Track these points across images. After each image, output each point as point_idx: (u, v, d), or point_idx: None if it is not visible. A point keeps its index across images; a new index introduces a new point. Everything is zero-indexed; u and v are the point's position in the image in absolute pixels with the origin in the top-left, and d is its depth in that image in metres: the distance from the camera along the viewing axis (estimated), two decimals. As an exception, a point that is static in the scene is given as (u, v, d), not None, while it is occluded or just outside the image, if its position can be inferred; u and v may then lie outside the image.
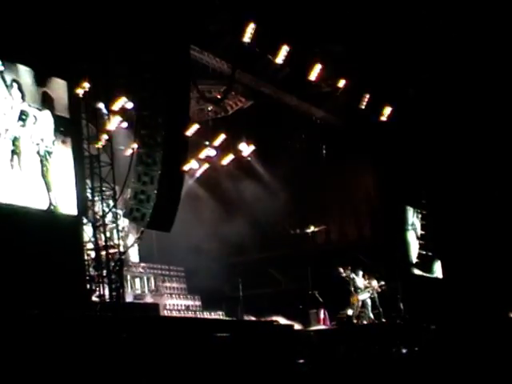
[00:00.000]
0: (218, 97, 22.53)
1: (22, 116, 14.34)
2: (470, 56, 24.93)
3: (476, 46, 24.35)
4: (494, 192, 28.35)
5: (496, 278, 27.64)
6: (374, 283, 24.25)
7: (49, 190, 14.66)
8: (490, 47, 24.32)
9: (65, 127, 15.20)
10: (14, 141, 14.13)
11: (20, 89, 14.33)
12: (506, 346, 18.84)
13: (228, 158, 26.53)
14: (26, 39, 14.43)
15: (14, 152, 14.10)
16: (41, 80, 14.81)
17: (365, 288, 23.99)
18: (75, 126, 15.74)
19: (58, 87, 15.19)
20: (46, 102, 14.87)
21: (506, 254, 27.83)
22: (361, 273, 24.34)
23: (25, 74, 14.49)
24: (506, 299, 26.30)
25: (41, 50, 14.76)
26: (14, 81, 14.25)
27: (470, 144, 28.05)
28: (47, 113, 14.88)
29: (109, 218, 17.24)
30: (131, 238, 20.67)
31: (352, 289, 23.93)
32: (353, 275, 23.92)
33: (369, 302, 24.11)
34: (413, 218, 28.22)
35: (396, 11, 22.72)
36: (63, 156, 15.15)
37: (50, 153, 14.82)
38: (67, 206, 15.08)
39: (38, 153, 14.62)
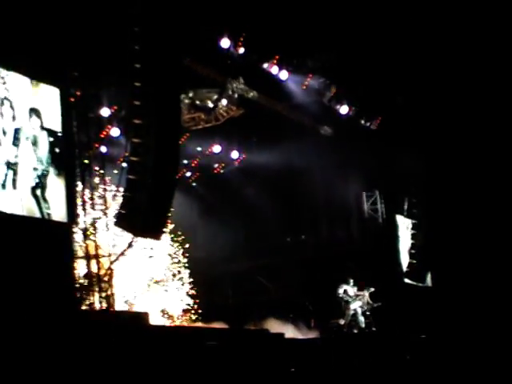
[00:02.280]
0: (210, 105, 22.55)
1: (16, 135, 14.30)
2: (459, 63, 25.06)
3: (465, 51, 24.49)
4: (485, 201, 28.42)
5: (487, 287, 27.69)
6: (365, 292, 24.30)
7: (42, 206, 14.65)
8: (479, 53, 24.46)
9: (58, 141, 15.18)
10: (8, 160, 14.12)
11: (12, 106, 14.29)
12: (497, 355, 18.88)
13: (220, 167, 26.58)
14: (18, 46, 14.41)
15: (8, 171, 14.05)
16: (32, 92, 14.77)
17: (356, 297, 24.03)
18: (67, 135, 15.72)
19: (50, 97, 15.17)
20: (38, 118, 14.86)
21: (497, 263, 27.89)
22: (351, 281, 24.38)
23: (16, 88, 14.44)
24: (497, 308, 26.33)
25: (33, 58, 14.75)
26: (5, 99, 14.21)
27: (461, 152, 28.13)
28: (43, 131, 14.89)
29: (99, 225, 17.19)
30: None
31: (343, 299, 23.99)
32: (344, 288, 23.99)
33: (359, 310, 24.15)
34: (403, 227, 28.28)
35: (385, 19, 22.82)
36: (57, 168, 15.14)
37: (47, 171, 14.83)
38: (58, 214, 15.05)
39: (37, 172, 14.62)
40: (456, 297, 27.52)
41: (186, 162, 25.10)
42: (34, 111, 14.77)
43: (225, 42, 19.85)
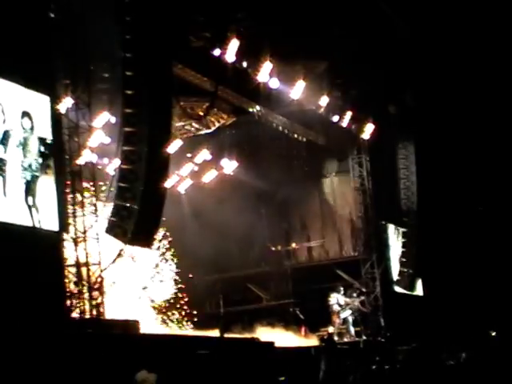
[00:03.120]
0: (201, 113, 22.55)
1: (5, 138, 14.21)
2: (450, 71, 25.20)
3: (457, 60, 24.64)
4: (477, 209, 28.51)
5: (477, 295, 27.76)
6: (355, 300, 24.31)
7: (32, 214, 14.58)
8: (473, 64, 24.61)
9: (48, 148, 15.12)
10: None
11: (3, 111, 14.22)
12: (486, 364, 18.88)
13: (210, 175, 26.56)
14: (8, 54, 14.37)
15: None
16: (23, 98, 14.72)
17: (346, 305, 24.02)
18: (57, 143, 15.66)
19: (40, 104, 15.12)
20: (29, 124, 14.80)
21: (487, 271, 27.97)
22: (342, 290, 24.38)
23: (7, 94, 14.38)
24: (487, 317, 26.39)
25: (24, 66, 14.70)
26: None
27: (451, 160, 28.25)
28: (33, 137, 14.83)
29: (90, 234, 17.11)
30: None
31: (334, 307, 24.00)
32: (335, 296, 24.00)
33: (350, 319, 24.16)
34: (394, 236, 28.31)
35: (377, 29, 22.91)
36: (47, 175, 15.07)
37: (36, 177, 14.76)
38: (48, 222, 14.99)
39: (25, 178, 14.54)
40: (447, 305, 27.56)
41: (176, 169, 25.07)
42: (26, 114, 14.71)
43: (216, 50, 19.89)
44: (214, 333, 21.50)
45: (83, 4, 16.31)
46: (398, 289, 27.70)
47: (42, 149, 15.01)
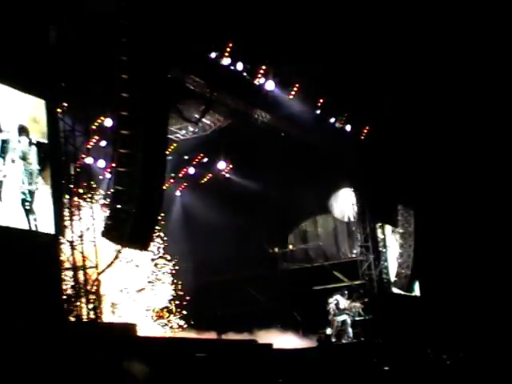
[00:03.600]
0: (197, 116, 22.54)
1: (3, 145, 14.21)
2: (446, 72, 25.22)
3: (453, 61, 24.66)
4: (473, 210, 28.53)
5: (475, 296, 27.77)
6: (355, 303, 24.30)
7: (29, 217, 14.59)
8: (465, 62, 24.63)
9: (45, 152, 15.12)
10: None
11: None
12: (484, 364, 18.92)
13: (206, 177, 26.58)
14: (3, 57, 14.36)
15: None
16: (19, 103, 14.70)
17: (344, 310, 24.03)
18: (54, 146, 15.66)
19: (36, 108, 15.11)
20: (27, 135, 14.80)
21: (485, 271, 27.98)
22: (347, 293, 24.40)
23: (3, 98, 14.38)
24: (485, 318, 26.38)
25: (19, 69, 14.69)
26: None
27: (448, 162, 28.25)
28: (32, 146, 14.84)
29: (87, 237, 17.11)
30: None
31: (332, 310, 24.00)
32: (336, 298, 24.00)
33: (349, 321, 24.15)
34: (391, 237, 28.30)
35: (372, 30, 22.93)
36: (43, 179, 15.08)
37: (34, 182, 14.76)
38: (45, 225, 14.99)
39: (23, 184, 14.53)
40: (444, 306, 27.57)
41: (172, 172, 25.08)
42: (23, 128, 14.70)
43: (212, 53, 19.92)
44: (212, 335, 21.51)
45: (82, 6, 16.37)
46: (395, 290, 27.69)
47: (39, 154, 15.02)
